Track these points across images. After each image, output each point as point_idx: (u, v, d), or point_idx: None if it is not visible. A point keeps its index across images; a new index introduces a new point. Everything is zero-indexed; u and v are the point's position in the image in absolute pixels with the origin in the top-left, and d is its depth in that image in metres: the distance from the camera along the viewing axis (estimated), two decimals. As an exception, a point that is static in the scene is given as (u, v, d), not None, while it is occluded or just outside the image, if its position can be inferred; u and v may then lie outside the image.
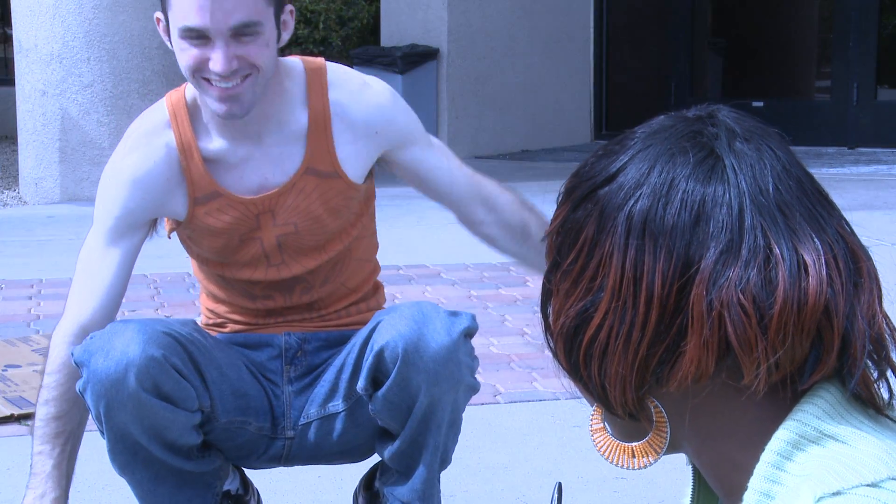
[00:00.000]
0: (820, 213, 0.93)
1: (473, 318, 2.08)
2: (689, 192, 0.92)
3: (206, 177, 2.09)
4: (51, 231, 6.46)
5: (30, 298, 4.88)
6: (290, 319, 2.21)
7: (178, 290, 4.94)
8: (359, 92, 2.14)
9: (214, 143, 2.10)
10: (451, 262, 5.43)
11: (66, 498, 2.04)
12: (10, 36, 7.99)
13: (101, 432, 2.07)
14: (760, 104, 9.75)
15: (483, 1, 9.52)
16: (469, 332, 2.06)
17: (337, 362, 2.15)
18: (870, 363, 0.92)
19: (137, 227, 2.12)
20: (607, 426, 1.01)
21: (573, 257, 0.95)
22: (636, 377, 0.93)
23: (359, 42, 10.62)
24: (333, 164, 2.11)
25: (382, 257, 2.37)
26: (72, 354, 2.04)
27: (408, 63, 9.01)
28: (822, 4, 12.03)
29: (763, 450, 0.91)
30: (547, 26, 10.06)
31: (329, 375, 2.15)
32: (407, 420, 2.04)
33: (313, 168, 2.11)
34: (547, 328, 0.99)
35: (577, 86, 10.48)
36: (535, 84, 10.03)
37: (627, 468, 0.99)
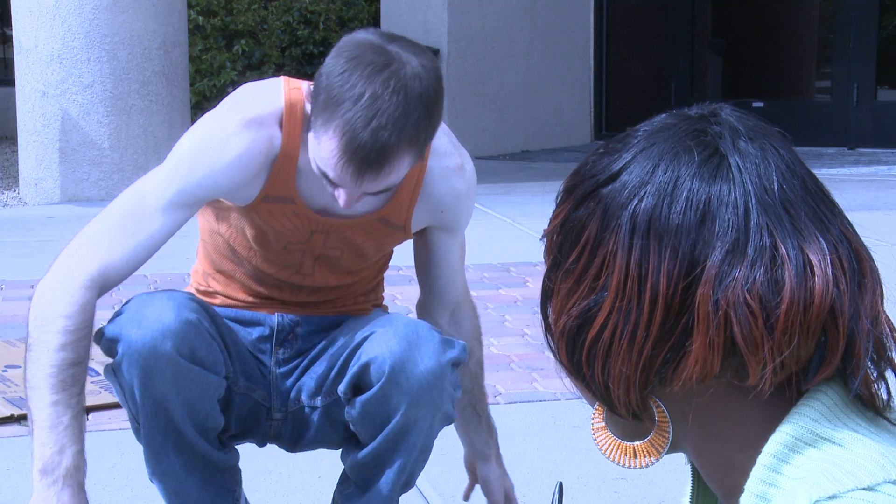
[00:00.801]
0: (824, 212, 0.92)
1: (465, 348, 2.10)
2: (695, 191, 0.91)
3: (290, 182, 2.03)
4: (51, 231, 6.46)
5: (30, 299, 4.87)
6: (287, 303, 2.20)
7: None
8: (451, 174, 2.12)
9: (312, 169, 2.02)
10: (452, 262, 5.43)
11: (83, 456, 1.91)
12: (10, 36, 7.99)
13: (134, 416, 2.00)
14: (760, 104, 9.75)
15: (483, 1, 9.52)
16: (457, 363, 2.06)
17: (327, 357, 2.15)
18: (870, 363, 0.92)
19: (205, 202, 2.03)
20: (609, 425, 1.00)
21: (575, 256, 0.95)
22: (640, 377, 0.92)
23: (359, 42, 10.61)
24: (405, 220, 2.12)
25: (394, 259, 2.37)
26: (102, 332, 1.98)
27: (408, 63, 9.01)
28: (822, 5, 12.03)
29: (760, 452, 0.91)
30: (547, 27, 10.06)
31: (319, 369, 2.15)
32: (378, 434, 2.04)
33: (386, 219, 2.11)
34: (547, 328, 0.99)
35: (577, 86, 10.49)
36: (535, 84, 10.03)
37: (629, 468, 0.99)
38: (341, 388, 2.05)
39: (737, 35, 12.12)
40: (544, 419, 3.45)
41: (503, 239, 6.18)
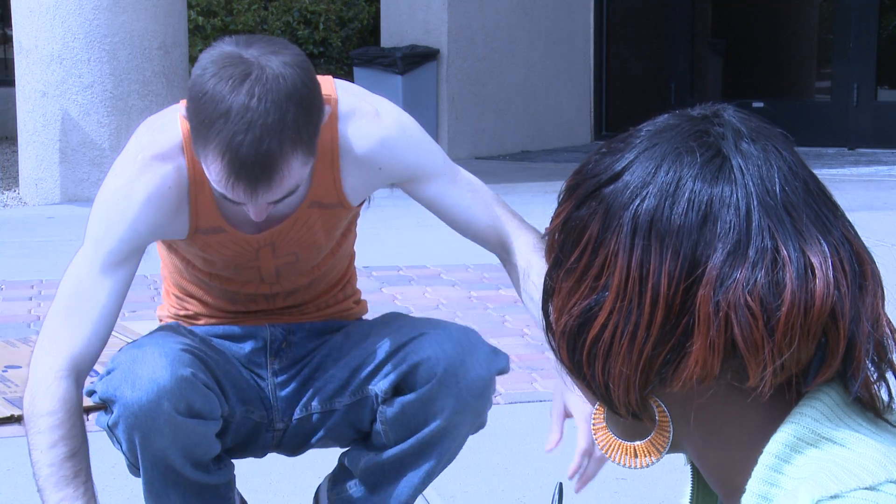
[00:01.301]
0: (826, 214, 0.92)
1: (508, 360, 2.07)
2: (697, 192, 0.91)
3: (214, 211, 2.00)
4: (51, 232, 6.46)
5: (30, 299, 4.88)
6: (272, 314, 2.18)
7: (179, 290, 4.95)
8: (367, 125, 2.02)
9: None
10: (452, 262, 5.43)
11: None
12: (11, 37, 7.99)
13: (133, 466, 2.01)
14: (760, 105, 9.75)
15: (483, 2, 9.52)
16: (501, 373, 2.05)
17: (350, 360, 2.11)
18: (870, 365, 0.92)
19: (139, 251, 2.00)
20: (609, 425, 1.00)
21: (577, 255, 0.95)
22: (640, 377, 0.92)
23: (359, 43, 10.63)
24: (339, 195, 2.04)
25: (383, 258, 2.37)
26: (89, 394, 1.97)
27: (408, 64, 9.01)
28: (822, 5, 12.03)
29: (762, 452, 0.91)
30: (547, 27, 10.06)
31: (338, 372, 2.11)
32: (407, 438, 2.02)
33: (317, 201, 2.04)
34: (548, 326, 0.99)
35: (577, 87, 10.49)
36: (536, 85, 10.03)
37: (629, 467, 0.98)
38: (382, 386, 2.01)
39: (737, 35, 12.12)
40: (545, 419, 3.44)
41: (503, 239, 6.18)
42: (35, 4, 7.17)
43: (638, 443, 0.98)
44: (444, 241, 5.79)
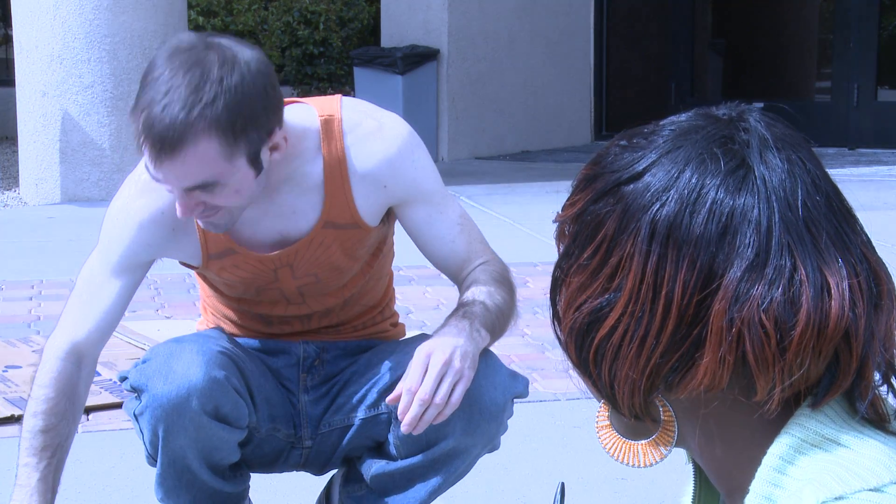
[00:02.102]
0: (846, 231, 0.91)
1: (527, 384, 2.05)
2: (718, 202, 0.89)
3: (221, 235, 2.01)
4: (51, 232, 6.46)
5: (30, 299, 4.88)
6: (307, 332, 2.18)
7: (179, 290, 4.94)
8: (371, 143, 2.02)
9: None
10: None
11: None
12: (11, 37, 7.99)
13: (151, 457, 2.03)
14: (760, 105, 9.72)
15: (483, 2, 9.52)
16: (519, 397, 2.03)
17: (371, 375, 2.10)
18: (879, 378, 0.91)
19: (141, 265, 2.07)
20: (613, 423, 1.00)
21: (590, 252, 0.93)
22: (646, 382, 0.92)
23: (359, 43, 10.63)
24: (353, 215, 2.03)
25: (398, 259, 2.36)
26: (123, 379, 2.00)
27: (408, 64, 9.01)
28: (822, 5, 12.03)
29: (765, 453, 0.91)
30: (547, 27, 10.06)
31: (358, 388, 2.10)
32: (422, 452, 2.01)
33: (332, 221, 2.03)
34: (555, 315, 0.98)
35: (577, 86, 10.49)
36: (536, 85, 10.03)
37: (633, 466, 0.98)
38: (393, 406, 1.98)
39: (737, 35, 12.12)
40: (544, 419, 3.45)
41: (503, 239, 6.18)
42: (35, 4, 7.17)
43: (642, 442, 0.97)
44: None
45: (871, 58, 9.79)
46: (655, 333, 0.90)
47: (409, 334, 2.29)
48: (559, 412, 3.50)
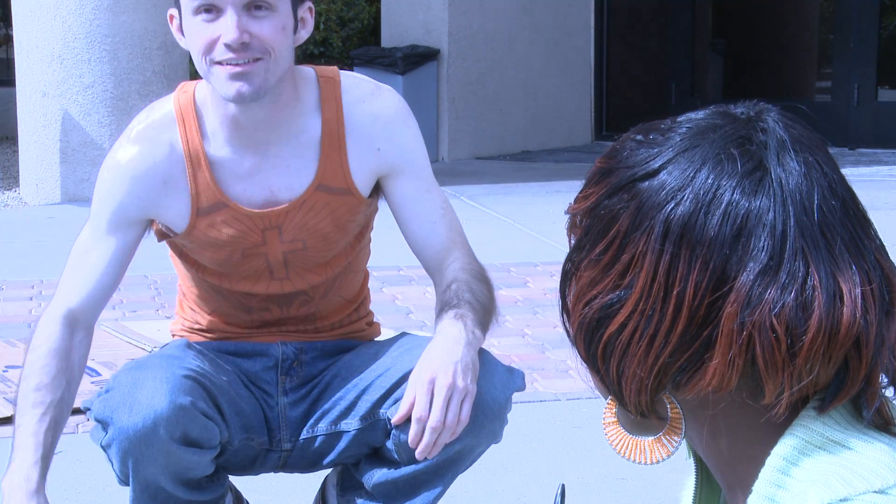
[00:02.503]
0: (860, 237, 0.91)
1: (524, 377, 2.04)
2: (734, 204, 0.89)
3: (213, 186, 2.02)
4: (51, 232, 6.46)
5: (30, 299, 4.88)
6: (285, 330, 2.16)
7: (179, 290, 4.95)
8: (369, 103, 2.06)
9: (222, 150, 2.03)
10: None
11: (44, 465, 1.92)
12: (11, 36, 7.99)
13: (123, 482, 2.01)
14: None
15: (484, 2, 9.52)
16: (517, 391, 2.03)
17: (356, 382, 2.08)
18: (885, 380, 0.91)
19: (131, 223, 2.05)
20: (620, 420, 0.99)
21: (603, 247, 0.93)
22: (653, 381, 0.92)
23: (359, 43, 10.63)
24: (346, 179, 2.04)
25: (383, 258, 2.36)
26: (88, 409, 1.98)
27: (408, 64, 9.01)
28: (822, 5, 12.03)
29: (769, 453, 0.90)
30: (547, 27, 10.06)
31: (344, 394, 2.08)
32: (423, 459, 1.98)
33: (325, 185, 2.03)
34: (564, 307, 0.97)
35: (577, 86, 10.49)
36: (536, 85, 10.03)
37: (640, 463, 0.97)
38: (395, 412, 1.97)
39: (737, 35, 12.12)
40: (544, 420, 3.45)
41: (504, 239, 6.18)
42: (36, 4, 7.18)
43: (648, 438, 0.97)
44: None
45: (871, 58, 9.79)
46: (665, 333, 0.90)
47: (408, 333, 2.28)
48: (559, 412, 3.50)
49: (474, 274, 2.09)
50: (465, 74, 9.46)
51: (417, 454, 1.89)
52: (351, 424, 2.07)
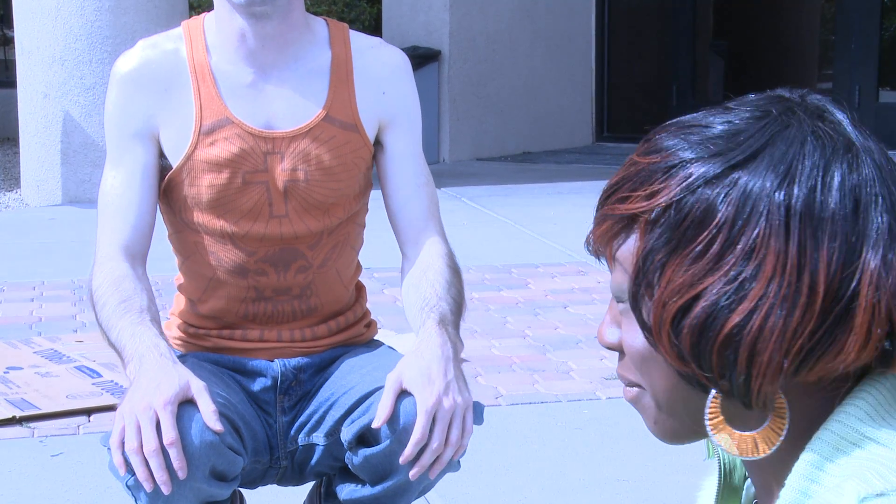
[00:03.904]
0: None
1: (483, 410, 1.97)
2: (846, 178, 0.90)
3: (217, 101, 2.01)
4: (53, 233, 6.46)
5: (31, 301, 4.88)
6: (283, 345, 2.12)
7: (180, 292, 4.95)
8: (377, 49, 2.09)
9: (227, 65, 2.02)
10: (453, 264, 5.43)
11: (165, 342, 1.89)
12: (12, 38, 7.99)
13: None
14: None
15: (484, 3, 9.53)
16: (475, 425, 1.95)
17: (327, 395, 2.06)
18: None
19: (142, 138, 2.02)
20: (725, 415, 0.96)
21: (704, 242, 0.91)
22: (791, 364, 0.90)
23: (360, 44, 10.64)
24: (354, 115, 2.05)
25: (384, 259, 2.35)
26: (108, 448, 1.85)
27: (409, 65, 9.02)
28: (823, 6, 12.03)
29: (804, 448, 0.90)
30: (548, 28, 10.06)
31: (317, 407, 2.07)
32: (381, 482, 1.95)
33: (332, 117, 2.03)
34: (644, 317, 0.95)
35: (578, 88, 10.49)
36: (537, 86, 10.03)
37: (750, 457, 0.95)
38: (346, 437, 1.95)
39: (738, 37, 12.13)
40: (546, 421, 3.45)
41: (504, 241, 6.18)
42: (37, 6, 7.18)
43: (752, 432, 0.95)
44: (446, 243, 5.74)
45: (872, 59, 9.79)
46: (801, 313, 0.89)
47: (388, 348, 2.22)
48: (560, 413, 3.50)
49: (449, 263, 2.07)
50: (466, 76, 9.46)
51: (431, 474, 1.87)
52: (319, 438, 2.06)
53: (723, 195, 0.91)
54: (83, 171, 7.26)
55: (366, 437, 1.93)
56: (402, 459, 1.85)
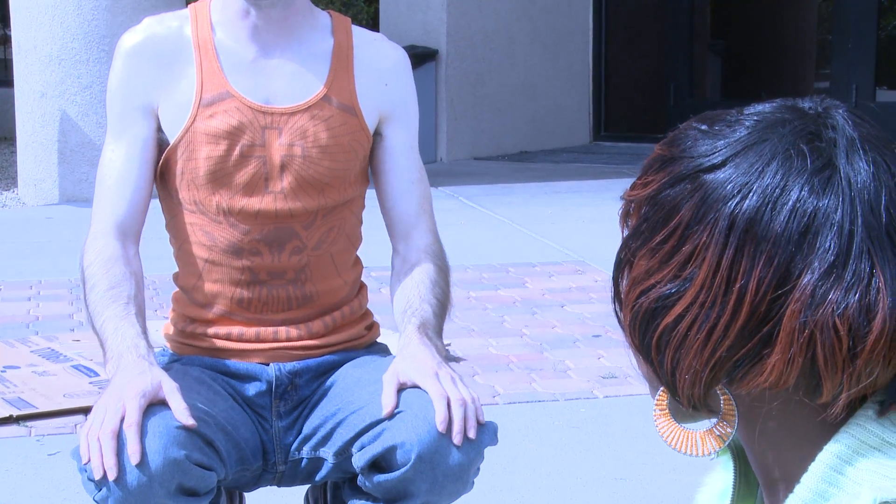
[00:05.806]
0: None
1: (496, 432, 1.96)
2: (802, 201, 0.88)
3: (219, 75, 2.04)
4: (50, 232, 6.46)
5: (29, 300, 4.88)
6: (279, 345, 2.11)
7: (177, 291, 4.95)
8: (380, 43, 2.13)
9: (230, 43, 2.07)
10: (450, 262, 5.42)
11: (146, 341, 1.94)
12: (9, 37, 7.99)
13: None
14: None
15: (482, 2, 9.53)
16: (489, 445, 1.95)
17: (333, 409, 2.05)
18: None
19: (142, 111, 2.08)
20: (671, 412, 0.98)
21: (663, 237, 0.92)
22: (708, 374, 0.91)
23: (358, 43, 10.65)
24: (351, 97, 2.08)
25: (383, 258, 2.35)
26: (84, 470, 1.86)
27: (407, 64, 9.02)
28: (821, 6, 12.04)
29: (820, 449, 0.90)
30: (546, 28, 10.07)
31: (323, 421, 2.05)
32: (396, 502, 1.94)
33: (331, 97, 2.07)
34: (616, 295, 0.97)
35: (576, 87, 10.49)
36: (534, 85, 10.03)
37: (690, 455, 0.96)
38: (358, 462, 1.94)
39: (736, 36, 12.13)
40: (543, 420, 3.45)
41: (502, 240, 6.18)
42: (34, 5, 7.18)
43: (700, 431, 0.96)
44: (443, 242, 5.75)
45: (869, 58, 9.80)
46: (724, 327, 0.89)
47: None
48: (558, 413, 3.50)
49: (436, 261, 2.11)
50: (463, 75, 9.46)
51: (456, 436, 1.87)
52: (328, 454, 2.04)
53: (688, 197, 0.92)
54: (80, 171, 7.25)
55: (378, 464, 1.92)
56: (438, 422, 1.87)
